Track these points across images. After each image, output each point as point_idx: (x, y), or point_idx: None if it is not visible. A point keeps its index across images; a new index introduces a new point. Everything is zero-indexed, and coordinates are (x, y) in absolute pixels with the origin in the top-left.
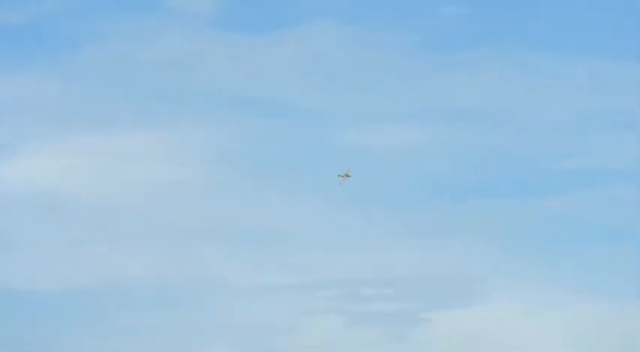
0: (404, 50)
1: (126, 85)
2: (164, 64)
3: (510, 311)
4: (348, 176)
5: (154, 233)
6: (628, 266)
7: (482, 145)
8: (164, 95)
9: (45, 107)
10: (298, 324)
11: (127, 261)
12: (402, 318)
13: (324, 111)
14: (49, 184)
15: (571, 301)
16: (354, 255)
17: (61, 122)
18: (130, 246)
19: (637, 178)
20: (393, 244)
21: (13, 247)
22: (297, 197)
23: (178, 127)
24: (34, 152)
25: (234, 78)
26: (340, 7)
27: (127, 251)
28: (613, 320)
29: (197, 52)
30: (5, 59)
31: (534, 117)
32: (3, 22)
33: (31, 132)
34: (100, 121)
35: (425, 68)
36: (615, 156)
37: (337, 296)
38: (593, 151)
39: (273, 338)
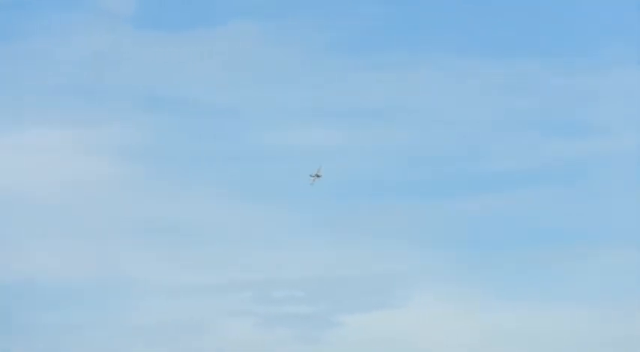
0: (322, 49)
1: (43, 80)
2: (84, 60)
3: (428, 314)
4: (318, 176)
5: (68, 230)
6: (544, 267)
7: (400, 145)
8: (81, 91)
9: None
10: (211, 325)
11: (39, 259)
12: (314, 321)
13: (239, 109)
14: None
15: (491, 303)
16: (268, 255)
17: None
18: (44, 243)
19: (554, 179)
20: (308, 244)
21: None
22: (213, 196)
23: (94, 124)
24: None
25: (152, 75)
26: (259, 7)
27: (39, 248)
28: (532, 321)
29: (116, 49)
30: None
31: (453, 119)
32: None
33: None
34: (14, 117)
35: (343, 67)
36: (533, 157)
37: (250, 297)
38: (511, 153)
39: (186, 338)
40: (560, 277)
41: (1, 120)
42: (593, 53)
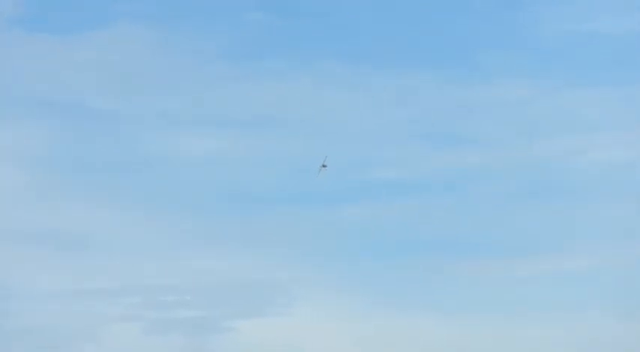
0: (206, 56)
1: None
2: None
3: (314, 320)
4: (325, 166)
5: None
6: (423, 275)
7: (284, 153)
8: None
9: None
10: (97, 331)
11: None
12: (203, 326)
13: (125, 114)
14: None
15: (370, 311)
16: (154, 261)
17: None
18: None
19: (437, 189)
20: (196, 251)
21: None
22: (97, 201)
23: None
24: None
25: (36, 79)
26: (148, 12)
27: None
28: (409, 328)
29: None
30: None
31: (339, 127)
32: None
33: None
34: None
35: (228, 75)
36: (419, 167)
37: (137, 302)
38: (397, 162)
39: (70, 344)
40: (437, 286)
41: None
42: (475, 64)
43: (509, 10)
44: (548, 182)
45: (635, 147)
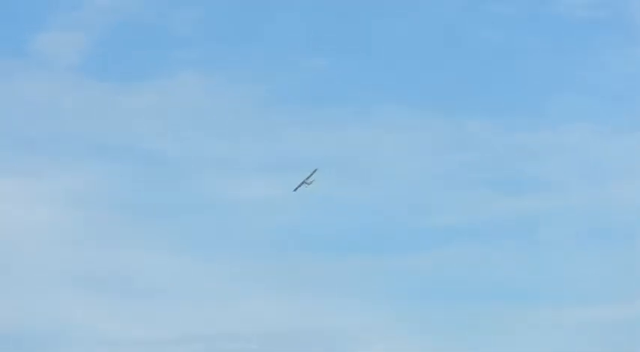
0: (267, 102)
1: None
2: (29, 110)
3: None
4: (307, 183)
5: (10, 280)
6: (491, 323)
7: (343, 198)
8: (24, 140)
9: None
10: None
11: None
12: None
13: (183, 159)
14: None
15: None
16: (217, 307)
17: None
18: None
19: (499, 235)
20: (259, 297)
21: None
22: (157, 246)
23: (37, 173)
24: None
25: (95, 125)
26: (206, 59)
27: None
28: None
29: (64, 98)
30: None
31: (396, 173)
32: None
33: None
34: None
35: (286, 120)
36: (474, 213)
37: (202, 350)
38: (458, 207)
39: None
40: (508, 333)
41: None
42: (538, 109)
43: (573, 53)
44: (615, 227)
45: None
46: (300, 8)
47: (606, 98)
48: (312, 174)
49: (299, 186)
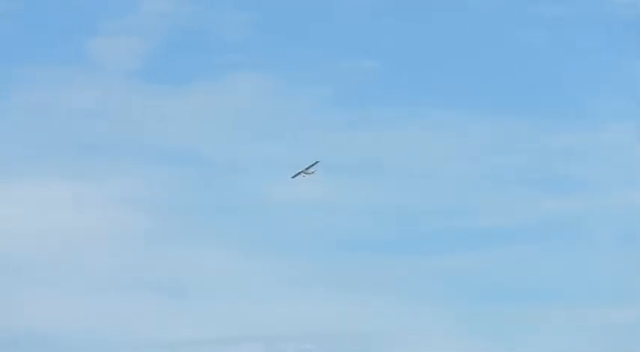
0: (318, 104)
1: (46, 134)
2: (83, 114)
3: None
4: (307, 173)
5: (70, 284)
6: (530, 326)
7: (388, 200)
8: (82, 145)
9: None
10: None
11: (40, 313)
12: None
13: (239, 162)
14: None
15: None
16: (273, 309)
17: None
18: (46, 297)
19: (542, 236)
20: (311, 299)
21: None
22: (215, 248)
23: (96, 177)
24: None
25: (152, 128)
26: (259, 61)
27: (41, 302)
28: None
29: (119, 102)
30: None
31: (443, 175)
32: None
33: None
34: (17, 170)
35: (337, 121)
36: (520, 215)
37: (260, 351)
38: (498, 209)
39: None
40: (556, 334)
41: (5, 174)
42: (582, 109)
43: (618, 54)
44: None
45: None
46: (350, 12)
47: None
48: (312, 165)
49: (297, 174)
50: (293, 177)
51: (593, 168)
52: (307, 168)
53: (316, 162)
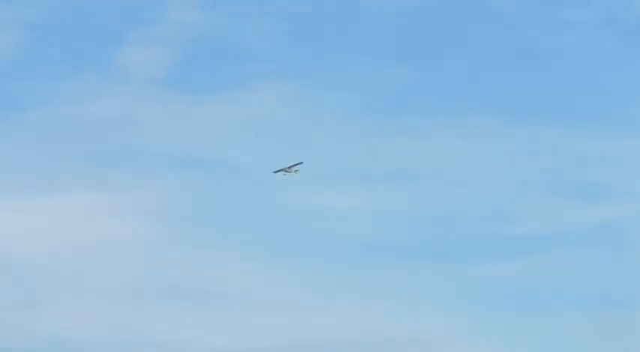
0: (346, 112)
1: (70, 144)
2: (109, 123)
3: None
4: (287, 172)
5: (98, 292)
6: (570, 334)
7: (424, 208)
8: (107, 154)
9: None
10: None
11: (70, 322)
12: None
13: (264, 170)
14: None
15: None
16: (300, 316)
17: (7, 181)
18: (74, 306)
19: (579, 243)
20: (337, 307)
21: None
22: (241, 257)
23: (124, 187)
24: None
25: (177, 137)
26: (285, 69)
27: (70, 311)
28: None
29: (144, 111)
30: None
31: (477, 181)
32: None
33: None
34: (43, 181)
35: (367, 129)
36: (555, 222)
37: None
38: (534, 216)
39: None
40: (593, 341)
41: (32, 184)
42: (618, 115)
43: None
44: None
45: None
46: (378, 19)
47: None
48: (296, 165)
49: (279, 170)
50: (275, 172)
51: (629, 174)
52: (289, 167)
53: (300, 163)
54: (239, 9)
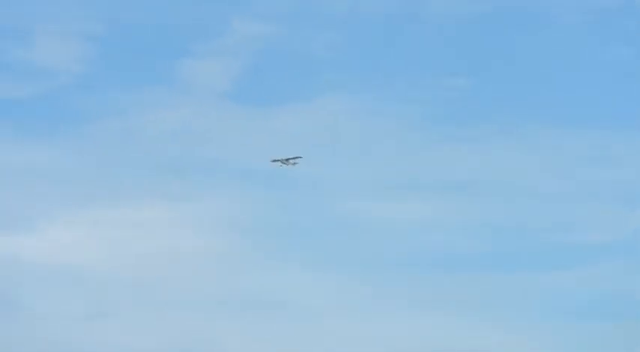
0: (410, 122)
1: (139, 156)
2: (177, 136)
3: None
4: (284, 163)
5: (169, 304)
6: (625, 342)
7: (486, 219)
8: (176, 167)
9: (60, 180)
10: None
11: (144, 333)
12: None
13: (332, 181)
14: (65, 256)
15: None
16: (370, 328)
17: (77, 194)
18: (147, 317)
19: (635, 253)
20: (406, 318)
21: (32, 319)
22: (310, 268)
23: (190, 198)
24: (51, 224)
25: (246, 149)
26: (350, 80)
27: (143, 322)
28: None
29: (210, 124)
30: (20, 133)
31: (540, 191)
32: (17, 96)
33: (47, 204)
34: (114, 193)
35: (430, 140)
36: (616, 230)
37: None
38: (595, 225)
39: None
40: None
41: (97, 196)
42: None
43: None
44: None
45: None
46: (439, 30)
47: None
48: (295, 158)
49: (278, 160)
50: (273, 161)
51: None
52: (287, 159)
53: (299, 157)
54: (303, 20)
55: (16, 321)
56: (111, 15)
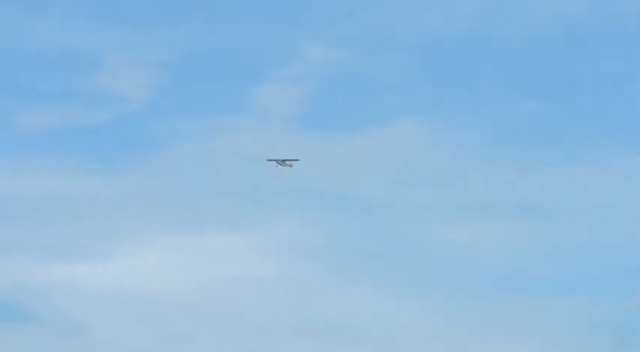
0: (479, 146)
1: (210, 183)
2: (246, 163)
3: None
4: (279, 164)
5: (240, 330)
6: None
7: (557, 243)
8: (247, 193)
9: (130, 207)
10: None
11: None
12: None
13: (400, 207)
14: (137, 283)
15: None
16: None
17: (148, 221)
18: (222, 344)
19: None
20: (475, 344)
21: (104, 346)
22: (383, 294)
23: (262, 224)
24: (121, 252)
25: (317, 175)
26: (421, 105)
27: (218, 348)
28: None
29: (281, 149)
30: (90, 160)
31: (604, 216)
32: (87, 123)
33: (117, 232)
34: (184, 220)
35: (498, 164)
36: None
37: None
38: None
39: None
40: None
41: (169, 224)
42: None
43: None
44: None
45: None
46: (510, 53)
47: None
48: (292, 160)
49: (274, 159)
50: (269, 160)
51: None
52: (284, 160)
53: (296, 159)
54: (371, 43)
55: (88, 348)
56: (180, 43)
